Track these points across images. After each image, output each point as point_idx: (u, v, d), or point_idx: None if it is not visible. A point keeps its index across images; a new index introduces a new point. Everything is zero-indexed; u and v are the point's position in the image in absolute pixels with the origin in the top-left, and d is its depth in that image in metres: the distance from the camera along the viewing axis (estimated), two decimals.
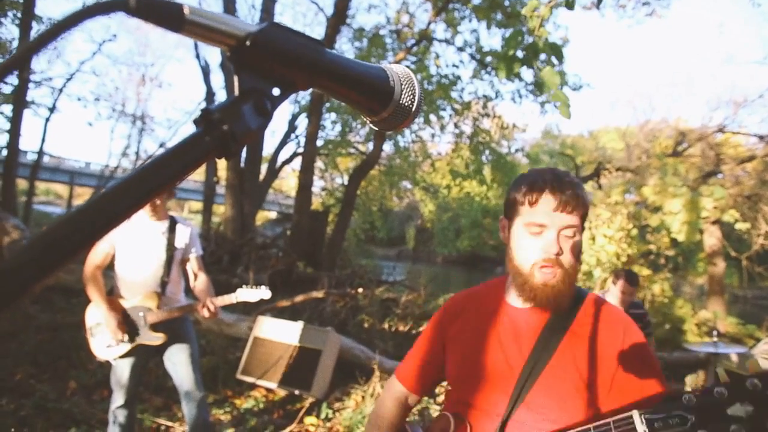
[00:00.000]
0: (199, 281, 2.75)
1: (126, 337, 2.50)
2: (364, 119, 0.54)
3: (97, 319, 2.55)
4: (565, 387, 1.03)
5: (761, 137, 11.83)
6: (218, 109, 0.37)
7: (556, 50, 1.91)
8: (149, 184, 0.33)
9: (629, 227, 8.18)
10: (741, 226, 9.46)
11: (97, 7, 0.30)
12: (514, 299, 1.15)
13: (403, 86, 0.52)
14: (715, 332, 3.68)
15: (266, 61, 0.40)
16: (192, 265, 2.76)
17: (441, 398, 4.21)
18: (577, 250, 1.08)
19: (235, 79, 0.39)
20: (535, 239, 1.06)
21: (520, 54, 2.05)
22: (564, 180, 1.07)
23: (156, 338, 2.56)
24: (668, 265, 9.59)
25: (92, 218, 0.31)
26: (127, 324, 2.53)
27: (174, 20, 0.35)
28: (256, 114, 0.39)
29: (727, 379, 0.79)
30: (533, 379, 1.05)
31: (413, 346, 1.36)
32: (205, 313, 2.56)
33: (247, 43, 0.38)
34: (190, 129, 0.37)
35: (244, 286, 2.83)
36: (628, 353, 1.04)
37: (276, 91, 0.42)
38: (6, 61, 0.30)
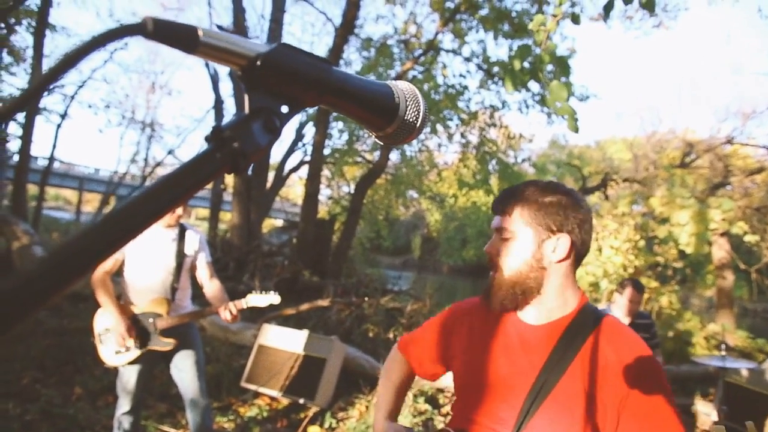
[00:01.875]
0: (213, 287, 2.75)
1: (134, 343, 2.51)
2: (370, 134, 0.56)
3: (106, 326, 2.56)
4: (570, 414, 1.00)
5: None
6: (229, 127, 0.38)
7: (562, 63, 1.92)
8: (164, 199, 0.35)
9: (636, 238, 8.13)
10: (750, 238, 9.38)
11: (116, 32, 0.32)
12: (524, 315, 1.13)
13: (408, 102, 0.53)
14: (723, 346, 3.64)
15: (275, 80, 0.42)
16: (203, 272, 2.77)
17: (444, 409, 4.18)
18: (511, 255, 1.08)
19: (246, 97, 0.41)
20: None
21: (527, 66, 2.07)
22: (512, 188, 1.13)
23: (166, 344, 2.57)
24: (676, 277, 9.49)
25: (108, 232, 0.32)
26: (138, 330, 2.54)
27: (189, 42, 0.36)
28: (265, 131, 0.40)
29: None
30: (539, 402, 1.02)
31: (418, 330, 1.38)
32: (227, 316, 2.55)
33: (258, 63, 0.40)
34: (198, 136, 0.39)
35: (253, 291, 2.84)
36: (640, 385, 0.98)
37: (284, 109, 0.43)
38: (32, 86, 0.32)
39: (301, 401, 3.88)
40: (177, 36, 0.35)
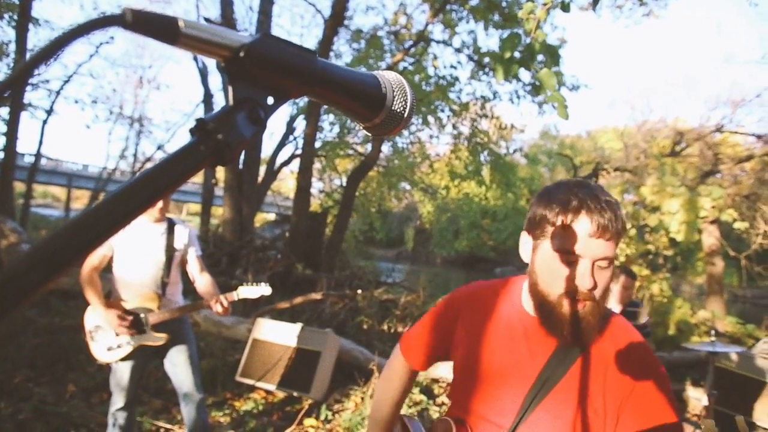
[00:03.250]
0: (203, 281, 2.75)
1: (128, 337, 2.50)
2: (358, 125, 0.56)
3: (96, 323, 2.55)
4: (571, 409, 0.98)
5: (759, 136, 11.87)
6: (213, 119, 0.38)
7: (552, 52, 1.92)
8: (147, 191, 0.34)
9: (627, 227, 8.20)
10: (739, 225, 9.48)
11: (94, 23, 0.31)
12: (530, 306, 1.08)
13: (395, 93, 0.53)
14: (713, 331, 3.69)
15: (259, 71, 0.41)
16: (193, 266, 2.76)
17: (440, 399, 4.21)
18: (608, 283, 0.97)
19: (229, 89, 0.40)
20: (565, 268, 0.95)
21: (517, 55, 2.07)
22: (602, 199, 0.93)
23: (158, 339, 2.56)
24: (667, 264, 9.60)
25: (92, 225, 0.32)
26: (129, 324, 2.53)
27: (169, 34, 0.36)
28: (249, 123, 0.40)
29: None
30: (541, 396, 1.00)
31: (420, 323, 1.32)
32: (219, 309, 2.56)
33: (241, 54, 0.40)
34: (188, 132, 0.39)
35: (245, 283, 2.84)
36: (642, 388, 0.96)
37: (269, 100, 0.43)
38: (4, 80, 0.31)
39: (296, 394, 3.90)
40: (157, 27, 0.35)
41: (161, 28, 0.35)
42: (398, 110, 0.53)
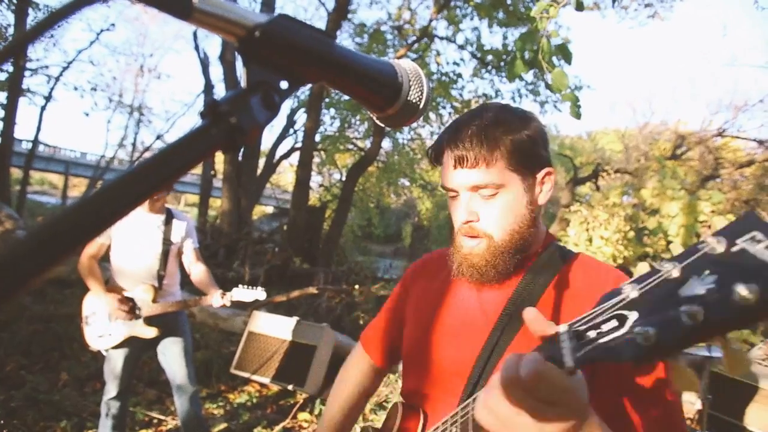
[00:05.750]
0: (198, 272, 2.74)
1: (128, 318, 2.48)
2: (371, 115, 0.54)
3: (94, 309, 2.53)
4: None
5: (760, 142, 11.86)
6: (226, 101, 0.35)
7: (564, 51, 1.90)
8: (154, 177, 0.32)
9: (626, 229, 8.20)
10: None
11: None
12: None
13: (411, 83, 0.51)
14: None
15: (275, 54, 0.39)
16: (189, 257, 2.75)
17: None
18: (504, 211, 0.87)
19: (244, 70, 0.38)
20: (453, 204, 0.92)
21: (527, 54, 2.05)
22: (462, 128, 0.87)
23: (149, 332, 2.54)
24: None
25: (96, 210, 0.30)
26: (127, 309, 2.51)
27: (182, 8, 0.33)
28: (263, 107, 0.38)
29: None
30: (492, 366, 0.87)
31: (381, 309, 1.20)
32: (217, 304, 2.63)
33: (257, 34, 0.37)
34: (187, 121, 0.36)
35: (240, 285, 2.82)
36: None
37: (284, 84, 0.41)
38: (4, 47, 0.29)
39: (291, 388, 3.88)
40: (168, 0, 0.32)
41: (173, 1, 0.33)
42: (414, 101, 0.51)
